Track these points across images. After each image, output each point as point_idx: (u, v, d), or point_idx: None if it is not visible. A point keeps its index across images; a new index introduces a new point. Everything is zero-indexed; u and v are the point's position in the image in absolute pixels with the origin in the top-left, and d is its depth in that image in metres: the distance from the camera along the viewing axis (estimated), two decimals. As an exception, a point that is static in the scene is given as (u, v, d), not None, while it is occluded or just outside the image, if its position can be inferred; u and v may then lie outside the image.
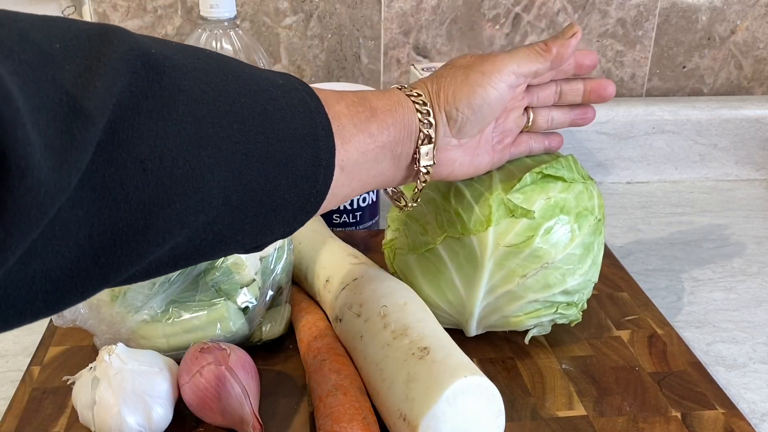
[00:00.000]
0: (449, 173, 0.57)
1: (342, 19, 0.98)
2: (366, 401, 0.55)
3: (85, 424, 0.55)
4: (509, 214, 0.60)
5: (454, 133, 0.54)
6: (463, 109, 0.53)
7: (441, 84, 0.54)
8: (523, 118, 0.61)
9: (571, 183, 0.62)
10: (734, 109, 1.04)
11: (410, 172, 0.54)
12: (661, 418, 0.59)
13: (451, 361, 0.52)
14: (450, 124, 0.54)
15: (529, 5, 0.99)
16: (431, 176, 0.54)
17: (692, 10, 1.03)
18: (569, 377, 0.63)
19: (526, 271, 0.60)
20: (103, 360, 0.54)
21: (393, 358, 0.54)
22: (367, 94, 0.52)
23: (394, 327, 0.56)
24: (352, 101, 0.50)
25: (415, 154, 0.53)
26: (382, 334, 0.56)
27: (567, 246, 0.60)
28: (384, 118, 0.50)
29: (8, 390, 0.61)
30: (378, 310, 0.58)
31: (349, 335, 0.60)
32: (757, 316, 0.75)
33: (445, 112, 0.53)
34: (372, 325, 0.57)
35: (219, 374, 0.55)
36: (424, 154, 0.53)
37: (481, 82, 0.54)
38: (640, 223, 0.94)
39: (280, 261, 0.65)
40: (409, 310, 0.58)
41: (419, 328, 0.55)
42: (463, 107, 0.53)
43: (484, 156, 0.58)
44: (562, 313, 0.63)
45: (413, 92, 0.53)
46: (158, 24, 0.95)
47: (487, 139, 0.58)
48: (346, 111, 0.48)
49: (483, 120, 0.55)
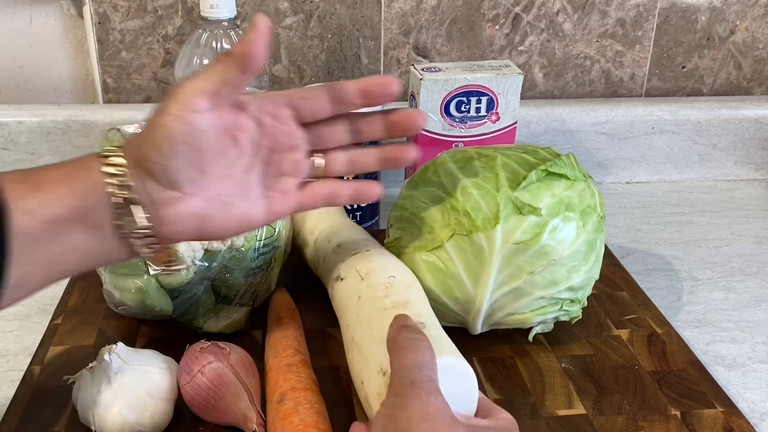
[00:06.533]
0: (197, 229, 0.49)
1: (342, 19, 0.98)
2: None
3: (85, 423, 0.55)
4: (517, 212, 0.60)
5: (166, 184, 0.47)
6: (153, 156, 0.46)
7: (132, 140, 0.48)
8: (305, 161, 0.54)
9: (574, 181, 0.63)
10: (734, 109, 1.04)
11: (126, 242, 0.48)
12: (661, 416, 0.59)
13: (445, 341, 0.51)
14: (154, 177, 0.47)
15: (529, 5, 0.99)
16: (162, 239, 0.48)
17: (692, 10, 1.03)
18: (569, 376, 0.63)
19: (533, 268, 0.60)
20: (103, 359, 0.54)
21: (388, 321, 0.51)
22: (43, 166, 0.46)
23: (396, 299, 0.55)
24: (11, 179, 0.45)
25: (115, 221, 0.46)
26: (381, 300, 0.55)
27: (573, 243, 0.61)
28: (54, 189, 0.45)
29: (8, 390, 0.62)
30: (383, 280, 0.58)
31: (345, 294, 0.60)
32: (757, 316, 0.75)
33: (141, 166, 0.46)
34: (373, 291, 0.57)
35: (221, 373, 0.55)
36: (128, 218, 0.46)
37: (162, 121, 0.46)
38: (639, 223, 0.94)
39: (238, 263, 0.65)
40: (413, 291, 0.58)
41: (419, 307, 0.55)
42: (153, 154, 0.46)
43: (250, 205, 0.51)
44: (567, 310, 0.64)
45: (111, 152, 0.47)
46: (158, 24, 0.95)
47: (248, 185, 0.51)
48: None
49: (192, 163, 0.47)
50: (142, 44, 0.96)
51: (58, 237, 0.45)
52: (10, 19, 0.94)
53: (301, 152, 0.53)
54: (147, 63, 0.97)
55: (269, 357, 0.61)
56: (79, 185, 0.46)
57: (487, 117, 0.85)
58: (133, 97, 0.99)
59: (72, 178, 0.46)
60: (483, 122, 0.85)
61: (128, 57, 0.97)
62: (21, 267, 0.44)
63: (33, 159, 0.94)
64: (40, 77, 0.98)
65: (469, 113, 0.84)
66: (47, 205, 0.44)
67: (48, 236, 0.45)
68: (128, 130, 0.65)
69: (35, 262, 0.45)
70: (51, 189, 0.45)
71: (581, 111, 1.01)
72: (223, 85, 0.47)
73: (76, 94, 0.99)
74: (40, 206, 0.44)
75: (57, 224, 0.45)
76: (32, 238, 0.44)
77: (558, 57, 1.03)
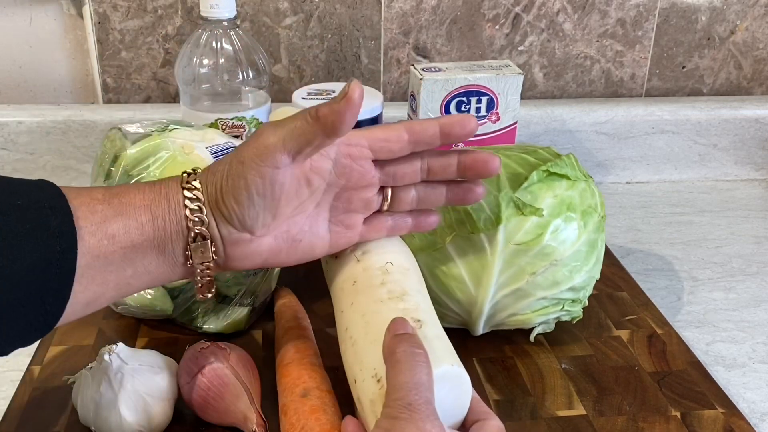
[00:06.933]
0: (262, 263, 0.51)
1: (342, 19, 0.98)
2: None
3: (85, 423, 0.55)
4: (518, 213, 0.60)
5: (239, 228, 0.49)
6: (231, 204, 0.48)
7: (211, 177, 0.49)
8: (377, 197, 0.54)
9: (575, 181, 0.63)
10: (734, 109, 1.04)
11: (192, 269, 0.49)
12: (661, 417, 0.59)
13: (440, 343, 0.50)
14: (229, 221, 0.48)
15: (529, 5, 0.99)
16: (225, 270, 0.51)
17: (692, 10, 1.03)
18: (569, 377, 0.63)
19: (535, 269, 0.60)
20: (103, 359, 0.54)
21: (383, 316, 0.51)
22: (125, 188, 0.48)
23: (392, 287, 0.53)
24: (95, 199, 0.46)
25: (186, 251, 0.48)
26: (378, 290, 0.53)
27: (574, 243, 0.61)
28: (136, 215, 0.46)
29: (8, 390, 0.61)
30: (380, 264, 0.55)
31: (339, 275, 0.57)
32: (757, 316, 0.75)
33: (217, 208, 0.48)
34: (369, 277, 0.55)
35: (221, 373, 0.55)
36: (199, 252, 0.48)
37: (241, 172, 0.47)
38: (639, 223, 0.94)
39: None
40: (411, 278, 0.56)
41: (417, 298, 0.53)
42: (230, 203, 0.48)
43: (315, 240, 0.53)
44: (568, 310, 0.64)
45: (192, 185, 0.48)
46: (158, 24, 0.95)
47: (316, 221, 0.52)
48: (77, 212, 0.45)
49: (266, 210, 0.49)
50: (142, 44, 0.96)
51: (134, 262, 0.47)
52: (10, 19, 0.94)
53: (374, 190, 0.54)
54: (147, 63, 0.97)
55: (288, 351, 0.60)
56: (160, 215, 0.47)
57: (488, 117, 0.85)
58: (133, 97, 0.99)
59: (155, 206, 0.47)
60: (483, 122, 0.85)
61: (128, 57, 0.97)
62: (95, 287, 0.46)
63: (33, 159, 0.94)
64: (40, 77, 0.98)
65: (469, 113, 0.84)
66: (129, 231, 0.46)
67: (125, 261, 0.46)
68: (129, 130, 0.65)
69: (108, 283, 0.47)
70: (134, 215, 0.46)
71: (581, 111, 1.01)
72: (306, 146, 0.48)
73: (76, 94, 0.99)
74: (122, 232, 0.46)
75: (135, 250, 0.46)
76: (110, 262, 0.46)
77: (558, 57, 1.03)
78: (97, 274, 0.46)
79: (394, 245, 0.58)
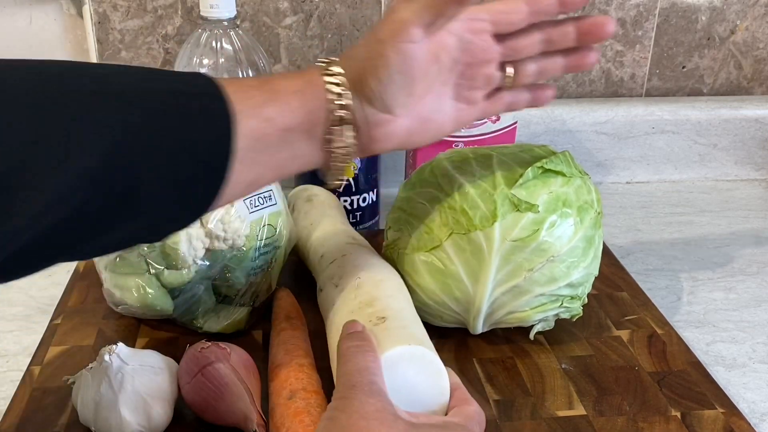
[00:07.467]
0: (399, 145, 0.53)
1: (342, 19, 0.98)
2: None
3: (85, 423, 0.55)
4: (514, 209, 0.60)
5: (381, 108, 0.50)
6: (373, 85, 0.49)
7: (352, 61, 0.50)
8: (497, 73, 0.54)
9: (570, 177, 0.63)
10: (734, 109, 1.04)
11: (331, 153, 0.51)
12: (661, 417, 0.59)
13: (402, 331, 0.51)
14: (371, 102, 0.50)
15: (528, 5, 0.99)
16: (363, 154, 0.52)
17: (692, 10, 1.03)
18: (569, 377, 0.63)
19: (532, 265, 0.61)
20: (104, 360, 0.54)
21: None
22: (273, 76, 0.50)
23: (363, 298, 0.57)
24: (248, 86, 0.48)
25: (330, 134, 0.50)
26: (351, 303, 0.57)
27: (571, 239, 0.61)
28: (288, 100, 0.48)
29: (8, 390, 0.62)
30: (353, 282, 0.59)
31: (325, 304, 0.62)
32: (757, 316, 0.75)
33: (359, 90, 0.50)
34: (345, 295, 0.59)
35: (221, 373, 0.55)
36: (339, 135, 0.49)
37: (381, 51, 0.49)
38: (639, 223, 0.94)
39: (239, 262, 0.66)
40: (384, 287, 0.59)
41: (386, 302, 0.56)
42: (373, 83, 0.49)
43: (443, 117, 0.54)
44: (567, 307, 0.64)
45: (333, 69, 0.50)
46: (158, 24, 0.95)
47: (443, 99, 0.53)
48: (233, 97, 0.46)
49: (404, 88, 0.50)
50: (142, 44, 0.96)
51: (288, 145, 0.49)
52: (10, 19, 0.94)
53: (495, 65, 0.54)
54: (147, 63, 0.97)
55: (278, 354, 0.61)
56: (309, 100, 0.49)
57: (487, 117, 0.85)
58: (133, 96, 0.99)
59: (303, 92, 0.49)
60: (483, 122, 0.85)
61: (128, 57, 0.97)
62: (256, 168, 0.48)
63: (33, 159, 0.94)
64: (40, 77, 0.98)
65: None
66: (283, 114, 0.48)
67: (281, 143, 0.48)
68: None
69: (267, 164, 0.48)
70: (286, 100, 0.48)
71: (581, 111, 1.01)
72: (438, 17, 0.49)
73: (76, 93, 0.99)
74: (278, 115, 0.47)
75: (289, 133, 0.48)
76: (268, 143, 0.47)
77: (558, 57, 1.03)
78: (256, 155, 0.47)
79: (370, 263, 0.62)
